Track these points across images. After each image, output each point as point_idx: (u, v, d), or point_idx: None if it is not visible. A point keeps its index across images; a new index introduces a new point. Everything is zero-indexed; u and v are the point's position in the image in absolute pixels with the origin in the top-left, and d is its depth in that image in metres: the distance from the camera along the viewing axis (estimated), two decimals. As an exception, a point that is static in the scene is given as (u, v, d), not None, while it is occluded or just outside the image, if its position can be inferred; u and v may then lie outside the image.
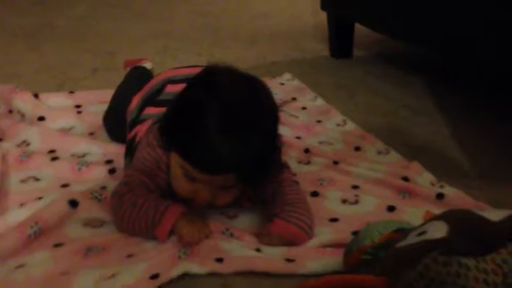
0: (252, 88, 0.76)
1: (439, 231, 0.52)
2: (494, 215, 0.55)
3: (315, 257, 0.73)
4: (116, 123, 1.04)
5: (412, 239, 0.54)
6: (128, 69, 1.28)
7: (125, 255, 0.71)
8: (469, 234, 0.52)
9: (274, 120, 0.77)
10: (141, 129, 0.90)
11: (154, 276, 0.66)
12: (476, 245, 0.51)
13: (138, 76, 1.20)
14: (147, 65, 1.29)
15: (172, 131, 0.76)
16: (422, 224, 0.57)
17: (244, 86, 0.76)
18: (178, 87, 0.82)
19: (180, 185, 0.77)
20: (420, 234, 0.54)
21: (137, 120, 0.94)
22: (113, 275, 0.66)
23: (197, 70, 0.99)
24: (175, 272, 0.67)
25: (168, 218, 0.74)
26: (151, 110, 0.93)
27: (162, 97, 0.95)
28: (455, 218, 0.54)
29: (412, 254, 0.51)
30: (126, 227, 0.76)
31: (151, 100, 0.96)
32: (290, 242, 0.76)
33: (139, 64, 1.29)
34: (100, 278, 0.66)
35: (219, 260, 0.70)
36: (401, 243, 0.54)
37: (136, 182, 0.79)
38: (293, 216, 0.77)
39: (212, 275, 0.70)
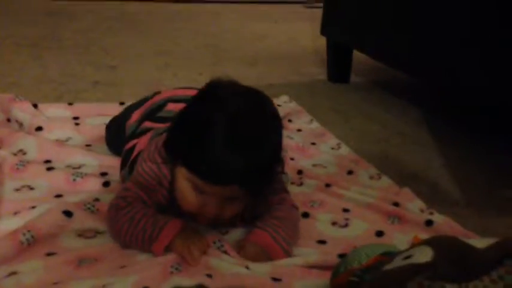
0: (256, 100, 0.78)
1: (424, 256, 0.53)
2: (480, 242, 0.56)
3: (302, 276, 0.74)
4: (116, 135, 1.05)
5: (398, 263, 0.55)
6: None
7: (118, 267, 0.72)
8: (453, 261, 0.53)
9: (279, 132, 0.79)
10: (139, 142, 0.91)
11: None
12: (460, 271, 0.52)
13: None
14: None
15: (178, 145, 0.77)
16: (409, 248, 0.58)
17: (249, 98, 0.78)
18: (180, 106, 0.84)
19: (188, 199, 0.77)
20: (406, 258, 0.55)
21: (135, 133, 0.96)
22: (103, 286, 0.67)
23: None
24: (166, 286, 0.68)
25: (165, 234, 0.75)
26: (148, 125, 0.95)
27: (161, 114, 0.97)
28: (441, 244, 0.55)
29: (398, 277, 0.51)
30: (123, 240, 0.77)
31: (150, 116, 0.98)
32: (264, 254, 0.76)
33: None
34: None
35: (209, 275, 0.71)
36: (388, 267, 0.55)
37: (133, 197, 0.79)
38: (272, 228, 0.78)
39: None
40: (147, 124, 0.95)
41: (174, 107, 0.95)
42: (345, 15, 1.62)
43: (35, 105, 1.22)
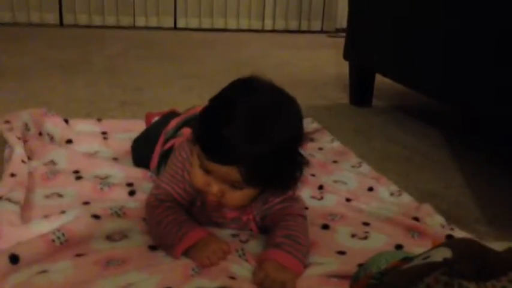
0: (284, 103, 0.79)
1: (442, 255, 0.54)
2: (497, 245, 0.57)
3: (320, 285, 0.75)
4: (144, 147, 1.08)
5: (416, 262, 0.56)
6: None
7: (143, 268, 0.74)
8: (471, 260, 0.53)
9: (293, 138, 0.79)
10: (177, 141, 0.95)
11: None
12: (478, 270, 0.53)
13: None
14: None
15: (199, 122, 0.79)
16: (428, 251, 0.59)
17: (278, 98, 0.79)
18: None
19: (195, 177, 0.80)
20: (425, 258, 0.56)
21: (173, 136, 0.99)
22: (128, 285, 0.69)
23: None
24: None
25: (185, 242, 0.77)
26: (186, 130, 0.97)
27: None
28: (459, 245, 0.56)
29: (415, 273, 0.52)
30: (153, 239, 0.82)
31: (189, 123, 1.00)
32: (284, 271, 0.75)
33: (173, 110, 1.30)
34: (117, 287, 0.69)
35: (231, 277, 0.73)
36: (406, 266, 0.56)
37: (164, 194, 0.83)
38: (286, 244, 0.78)
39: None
40: (185, 131, 0.98)
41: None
42: (368, 39, 1.65)
43: (66, 121, 1.27)
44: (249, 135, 0.74)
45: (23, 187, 0.93)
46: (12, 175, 0.96)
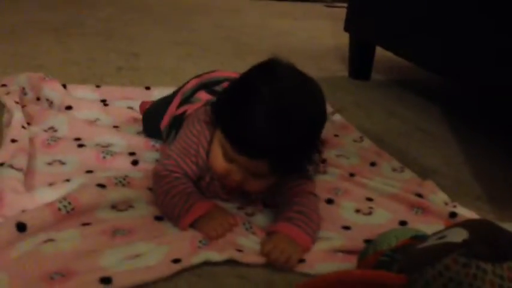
0: (308, 88, 0.79)
1: (459, 236, 0.55)
2: (511, 226, 0.57)
3: (325, 259, 0.76)
4: (155, 116, 1.04)
5: (432, 242, 0.56)
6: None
7: (150, 238, 0.74)
8: (487, 241, 0.54)
9: (319, 124, 0.80)
10: (190, 107, 0.92)
11: (176, 261, 0.69)
12: (494, 252, 0.53)
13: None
14: None
15: (222, 109, 0.78)
16: (442, 231, 0.60)
17: (303, 84, 0.78)
18: None
19: (217, 163, 0.79)
20: (440, 238, 0.57)
21: (188, 101, 0.96)
22: (137, 255, 0.69)
23: None
24: (196, 260, 0.70)
25: (192, 214, 0.77)
26: (203, 95, 0.95)
27: (218, 88, 0.97)
28: (475, 226, 0.57)
29: (433, 253, 0.53)
30: (159, 208, 0.81)
31: (207, 86, 0.98)
32: (293, 244, 0.75)
33: None
34: (125, 257, 0.68)
35: (239, 250, 0.73)
36: (422, 245, 0.57)
37: (173, 165, 0.82)
38: (297, 219, 0.78)
39: (229, 266, 0.73)
40: (202, 94, 0.95)
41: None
42: (369, 12, 1.63)
43: (64, 86, 1.25)
44: (279, 128, 0.73)
45: (24, 153, 0.92)
46: (13, 141, 0.95)
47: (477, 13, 1.20)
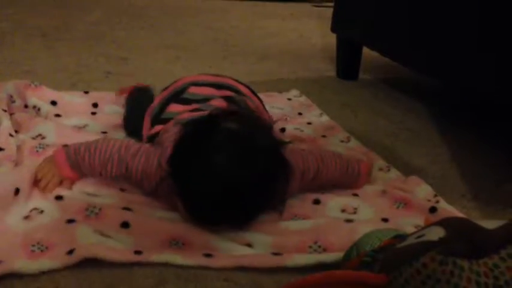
0: (256, 155, 0.77)
1: (436, 234, 0.56)
2: (488, 223, 0.59)
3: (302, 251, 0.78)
4: (135, 125, 1.08)
5: (410, 241, 0.58)
6: (124, 95, 1.25)
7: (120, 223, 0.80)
8: (464, 239, 0.55)
9: (269, 187, 0.79)
10: (163, 127, 0.94)
11: (138, 252, 0.74)
12: (471, 249, 0.55)
13: (144, 90, 1.23)
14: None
15: (176, 177, 0.79)
16: (421, 229, 0.61)
17: (248, 151, 0.77)
18: (201, 90, 0.88)
19: (185, 217, 0.82)
20: (418, 237, 0.58)
21: (159, 118, 0.98)
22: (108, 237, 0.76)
23: (218, 79, 1.04)
24: (156, 258, 0.74)
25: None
26: (174, 107, 0.97)
27: (185, 96, 0.99)
28: (452, 224, 0.58)
29: (411, 252, 0.54)
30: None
31: (174, 98, 1.00)
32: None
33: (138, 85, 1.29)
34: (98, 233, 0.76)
35: (208, 255, 0.75)
36: (401, 245, 0.58)
37: (129, 167, 0.86)
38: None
39: (215, 269, 0.74)
40: (172, 107, 0.98)
41: (196, 90, 0.98)
42: (356, 12, 1.65)
43: (54, 102, 1.23)
44: (231, 207, 0.76)
45: (11, 161, 0.92)
46: (0, 149, 0.95)
47: (462, 12, 1.22)
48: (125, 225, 0.79)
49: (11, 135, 1.01)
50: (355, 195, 0.96)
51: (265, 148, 0.78)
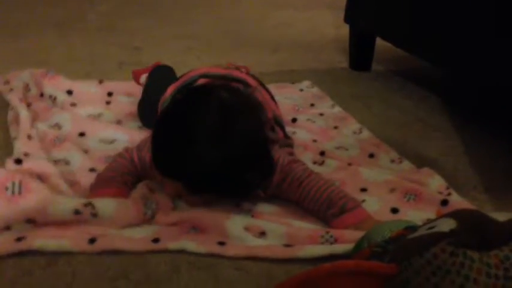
0: (240, 123, 0.81)
1: (447, 226, 0.57)
2: (500, 216, 0.59)
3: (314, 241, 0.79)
4: (149, 111, 1.09)
5: (421, 232, 0.58)
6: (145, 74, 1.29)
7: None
8: (475, 231, 0.56)
9: (248, 158, 0.81)
10: None
11: (155, 240, 0.76)
12: (481, 241, 0.55)
13: (166, 71, 1.25)
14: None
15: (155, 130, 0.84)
16: (432, 221, 0.61)
17: (232, 117, 0.81)
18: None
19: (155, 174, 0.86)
20: (430, 228, 0.58)
21: None
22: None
23: (228, 71, 1.05)
24: (172, 246, 0.76)
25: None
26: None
27: None
28: (463, 216, 0.59)
29: (422, 243, 0.55)
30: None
31: (184, 89, 1.01)
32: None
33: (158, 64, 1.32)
34: None
35: (221, 243, 0.77)
36: (411, 236, 0.59)
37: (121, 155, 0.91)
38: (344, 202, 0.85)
39: (228, 258, 0.75)
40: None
41: (205, 82, 0.99)
42: (370, 2, 1.64)
43: (70, 92, 1.25)
44: (197, 161, 0.79)
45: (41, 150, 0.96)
46: (29, 137, 0.98)
47: (478, 4, 1.20)
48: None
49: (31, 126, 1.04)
50: (364, 189, 0.96)
51: (246, 131, 0.81)
